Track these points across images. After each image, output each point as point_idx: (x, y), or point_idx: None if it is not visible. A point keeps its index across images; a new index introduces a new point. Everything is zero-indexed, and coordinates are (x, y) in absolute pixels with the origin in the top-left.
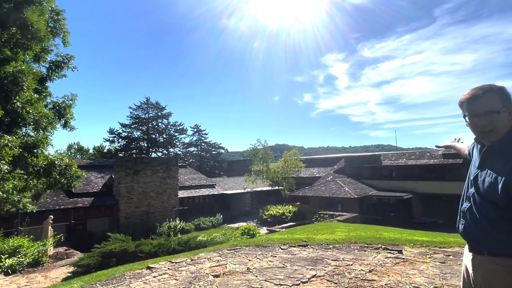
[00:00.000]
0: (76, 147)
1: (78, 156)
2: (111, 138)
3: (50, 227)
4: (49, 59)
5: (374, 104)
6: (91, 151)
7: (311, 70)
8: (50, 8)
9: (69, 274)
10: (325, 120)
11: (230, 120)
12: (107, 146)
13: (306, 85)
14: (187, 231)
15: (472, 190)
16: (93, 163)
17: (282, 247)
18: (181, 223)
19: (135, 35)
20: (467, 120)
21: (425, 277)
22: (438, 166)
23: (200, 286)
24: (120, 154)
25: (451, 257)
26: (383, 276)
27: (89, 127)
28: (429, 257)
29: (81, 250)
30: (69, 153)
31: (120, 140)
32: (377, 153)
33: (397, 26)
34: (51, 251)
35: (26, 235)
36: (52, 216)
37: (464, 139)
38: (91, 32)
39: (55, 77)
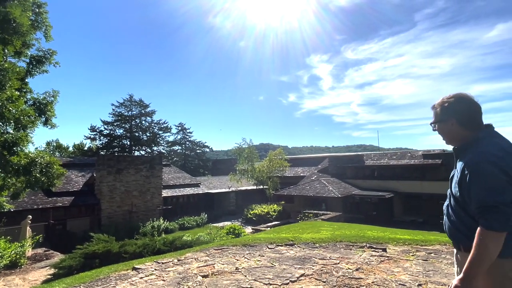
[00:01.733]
0: (54, 144)
1: (57, 153)
2: (92, 136)
3: (28, 227)
4: (29, 53)
5: (356, 105)
6: (70, 148)
7: (296, 70)
8: (31, 0)
9: (49, 276)
10: (309, 120)
11: (214, 119)
12: (87, 143)
13: (291, 85)
14: (171, 231)
15: (448, 190)
16: (74, 161)
17: (269, 247)
18: (165, 222)
19: (120, 31)
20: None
21: (409, 275)
22: (418, 166)
23: (189, 287)
24: (102, 152)
25: (432, 254)
26: (369, 274)
27: (68, 124)
28: (412, 255)
29: (61, 251)
30: (48, 151)
31: (101, 137)
32: (360, 153)
33: (380, 29)
34: (29, 252)
35: (3, 236)
36: (30, 216)
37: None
38: (73, 27)
39: (36, 72)
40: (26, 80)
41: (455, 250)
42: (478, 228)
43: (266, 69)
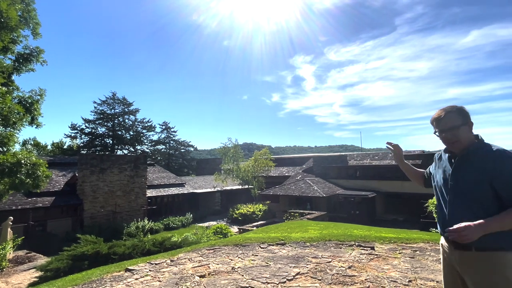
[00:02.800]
0: (32, 142)
1: (35, 152)
2: (73, 134)
3: (9, 229)
4: (16, 51)
5: (339, 105)
6: (49, 147)
7: (279, 71)
8: None
9: (35, 279)
10: (293, 120)
11: (198, 118)
12: (67, 142)
13: (275, 85)
14: (156, 231)
15: (452, 192)
16: (54, 160)
17: (261, 246)
18: (150, 223)
19: (104, 26)
20: (437, 135)
21: (399, 272)
22: (399, 167)
23: (187, 287)
24: (83, 151)
25: (418, 252)
26: (361, 272)
27: (46, 121)
28: (399, 253)
29: (42, 252)
30: (25, 149)
31: (83, 136)
32: (343, 153)
33: (362, 32)
34: (10, 254)
35: None
36: (11, 218)
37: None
38: (53, 19)
39: (22, 70)
40: (12, 78)
41: (442, 249)
42: None
43: (251, 68)
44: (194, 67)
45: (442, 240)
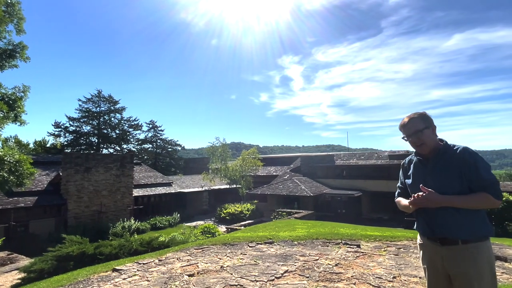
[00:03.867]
0: (13, 140)
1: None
2: (56, 132)
3: None
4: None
5: (326, 106)
6: (31, 145)
7: (268, 71)
8: None
9: (18, 281)
10: (280, 120)
11: (186, 117)
12: (50, 140)
13: (263, 85)
14: (143, 231)
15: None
16: (37, 159)
17: (249, 245)
18: (136, 222)
19: (90, 23)
20: (405, 139)
21: (383, 268)
22: (385, 167)
23: (176, 286)
24: (67, 150)
25: (402, 249)
26: (348, 269)
27: (28, 119)
28: (384, 250)
29: (24, 253)
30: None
31: (67, 134)
32: (330, 153)
33: (348, 34)
34: None
35: None
36: None
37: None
38: (38, 16)
39: (5, 66)
40: None
41: (424, 249)
42: (483, 193)
43: (238, 68)
44: (182, 65)
45: (421, 241)
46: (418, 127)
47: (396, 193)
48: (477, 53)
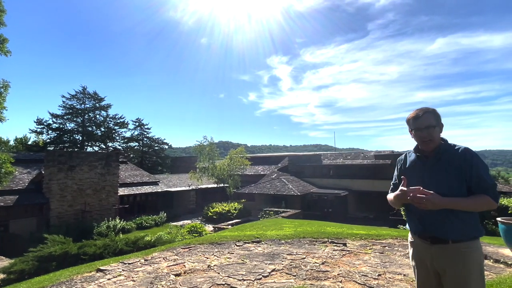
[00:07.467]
0: None
1: None
2: (38, 129)
3: None
4: None
5: (313, 106)
6: (11, 142)
7: (256, 70)
8: None
9: None
10: (269, 119)
11: (173, 115)
12: (32, 138)
13: (252, 85)
14: (128, 231)
15: (429, 190)
16: (18, 157)
17: (237, 244)
18: (122, 222)
19: (75, 19)
20: (413, 133)
21: (369, 266)
22: (370, 166)
23: (162, 286)
24: (50, 148)
25: (387, 248)
26: (334, 267)
27: (9, 116)
28: (369, 249)
29: (4, 254)
30: None
31: (50, 132)
32: (318, 152)
33: (336, 36)
34: None
35: None
36: None
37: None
38: (19, 8)
39: None
40: None
41: (414, 247)
42: (484, 196)
43: (227, 67)
44: (171, 64)
45: (412, 238)
46: (432, 122)
47: (390, 189)
48: (459, 57)
